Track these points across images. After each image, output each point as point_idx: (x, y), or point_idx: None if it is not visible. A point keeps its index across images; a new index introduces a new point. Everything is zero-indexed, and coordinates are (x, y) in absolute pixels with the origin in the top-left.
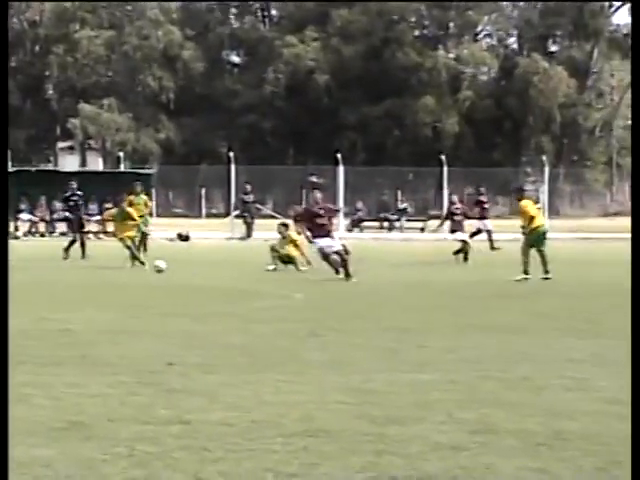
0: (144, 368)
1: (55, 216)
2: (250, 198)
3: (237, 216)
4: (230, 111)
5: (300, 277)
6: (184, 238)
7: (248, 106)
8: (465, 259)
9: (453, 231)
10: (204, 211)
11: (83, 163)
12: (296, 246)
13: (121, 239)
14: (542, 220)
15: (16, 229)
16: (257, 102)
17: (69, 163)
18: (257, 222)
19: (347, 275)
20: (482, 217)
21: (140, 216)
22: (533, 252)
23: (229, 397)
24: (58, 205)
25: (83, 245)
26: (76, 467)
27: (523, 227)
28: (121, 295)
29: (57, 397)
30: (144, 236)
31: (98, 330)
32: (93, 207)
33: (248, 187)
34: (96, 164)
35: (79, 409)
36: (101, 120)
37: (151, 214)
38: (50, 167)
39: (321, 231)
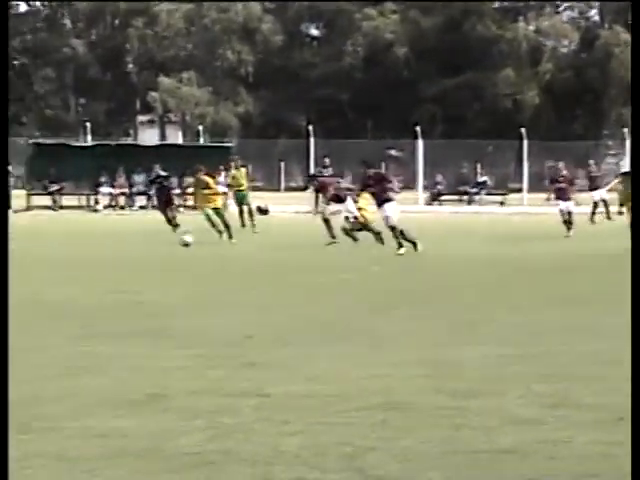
0: (222, 340)
1: (134, 189)
2: (329, 172)
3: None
4: (308, 84)
5: (379, 250)
6: (263, 211)
7: (326, 79)
8: (568, 229)
9: (557, 199)
10: (283, 184)
11: (163, 137)
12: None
13: (201, 209)
14: None
15: (96, 202)
16: (335, 75)
17: (149, 137)
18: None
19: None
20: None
21: (240, 190)
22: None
23: (308, 369)
24: (137, 178)
25: (170, 220)
26: (155, 439)
27: None
28: (198, 267)
29: (136, 369)
30: (243, 209)
31: (176, 302)
32: (173, 180)
33: (327, 161)
34: (176, 137)
35: (158, 381)
36: (180, 93)
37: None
38: (129, 141)
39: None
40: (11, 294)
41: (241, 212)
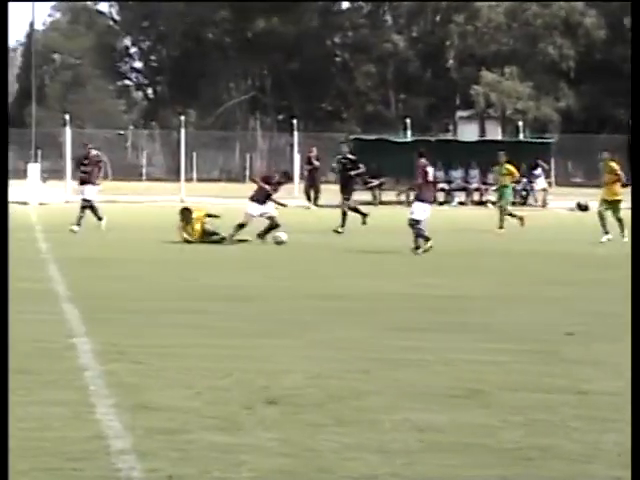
0: (541, 337)
1: (453, 185)
2: None
3: None
4: (627, 78)
5: None
6: (583, 208)
7: None
8: None
9: None
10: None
11: (482, 132)
12: None
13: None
14: None
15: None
16: None
17: (468, 132)
18: None
19: None
20: None
21: (504, 186)
22: None
23: (625, 367)
24: (454, 174)
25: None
26: (473, 434)
27: None
28: (516, 263)
29: (454, 364)
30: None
31: (490, 297)
32: (492, 176)
33: None
34: (495, 133)
35: (477, 376)
36: (502, 88)
37: (550, 184)
38: (449, 136)
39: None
40: (331, 287)
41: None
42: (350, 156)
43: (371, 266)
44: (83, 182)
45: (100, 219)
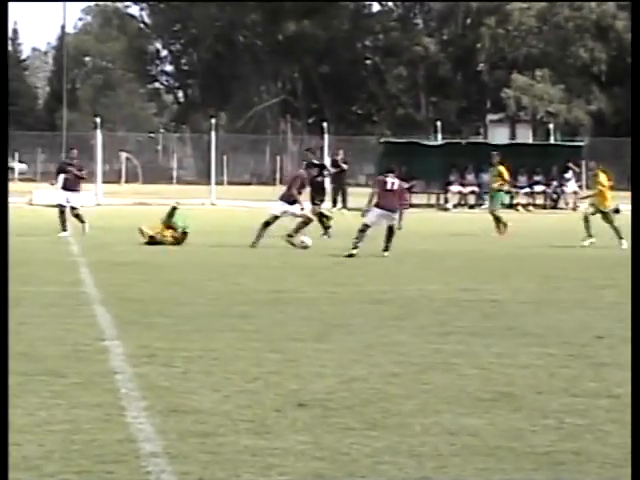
0: (572, 340)
1: (484, 189)
2: None
3: None
4: None
5: None
6: (615, 211)
7: None
8: None
9: None
10: None
11: (512, 135)
12: None
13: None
14: None
15: (446, 201)
16: None
17: (499, 135)
18: None
19: None
20: None
21: (499, 189)
22: None
23: None
24: (485, 177)
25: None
26: (504, 438)
27: None
28: (544, 265)
29: (485, 367)
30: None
31: (523, 300)
32: (522, 179)
33: None
34: (526, 136)
35: (508, 380)
36: (533, 91)
37: (581, 187)
38: (480, 139)
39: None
40: (363, 291)
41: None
42: (315, 161)
43: (408, 270)
44: (67, 188)
45: (65, 230)
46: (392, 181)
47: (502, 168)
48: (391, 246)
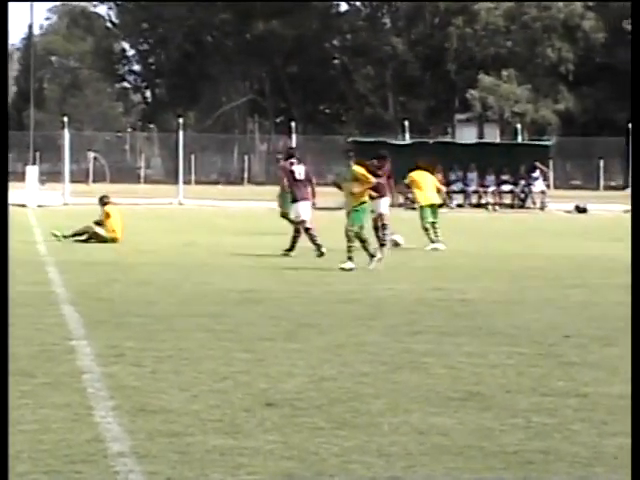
0: (541, 339)
1: (452, 188)
2: None
3: None
4: (629, 81)
5: None
6: (582, 210)
7: None
8: None
9: None
10: (602, 183)
11: (480, 135)
12: None
13: None
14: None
15: (413, 201)
16: None
17: (467, 135)
18: None
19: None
20: None
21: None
22: None
23: (625, 370)
24: (453, 176)
25: None
26: (473, 437)
27: None
28: (515, 266)
29: (455, 366)
30: None
31: (493, 300)
32: (490, 178)
33: None
34: (493, 136)
35: (477, 379)
36: (500, 91)
37: (548, 186)
38: (447, 139)
39: None
40: (333, 291)
41: None
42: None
43: (377, 269)
44: None
45: None
46: (299, 170)
47: (359, 169)
48: (296, 246)
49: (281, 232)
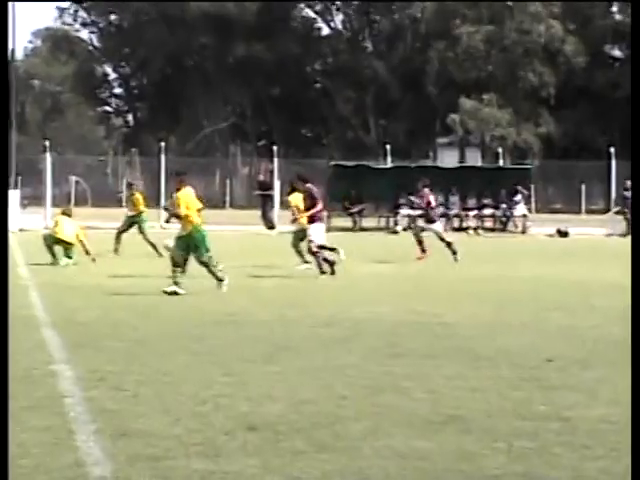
0: (522, 363)
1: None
2: (629, 195)
3: (617, 212)
4: (610, 105)
5: None
6: (563, 234)
7: (629, 100)
8: None
9: None
10: (584, 207)
11: (462, 158)
12: None
13: None
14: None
15: (395, 224)
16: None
17: (448, 158)
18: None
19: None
20: None
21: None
22: None
23: (609, 393)
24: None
25: None
26: (454, 460)
27: None
28: (496, 289)
29: (435, 390)
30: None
31: (473, 323)
32: (472, 202)
33: (628, 183)
34: (475, 159)
35: (458, 402)
36: (481, 115)
37: (530, 210)
38: (429, 162)
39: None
40: (312, 314)
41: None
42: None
43: (357, 292)
44: None
45: None
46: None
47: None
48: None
49: (262, 254)
